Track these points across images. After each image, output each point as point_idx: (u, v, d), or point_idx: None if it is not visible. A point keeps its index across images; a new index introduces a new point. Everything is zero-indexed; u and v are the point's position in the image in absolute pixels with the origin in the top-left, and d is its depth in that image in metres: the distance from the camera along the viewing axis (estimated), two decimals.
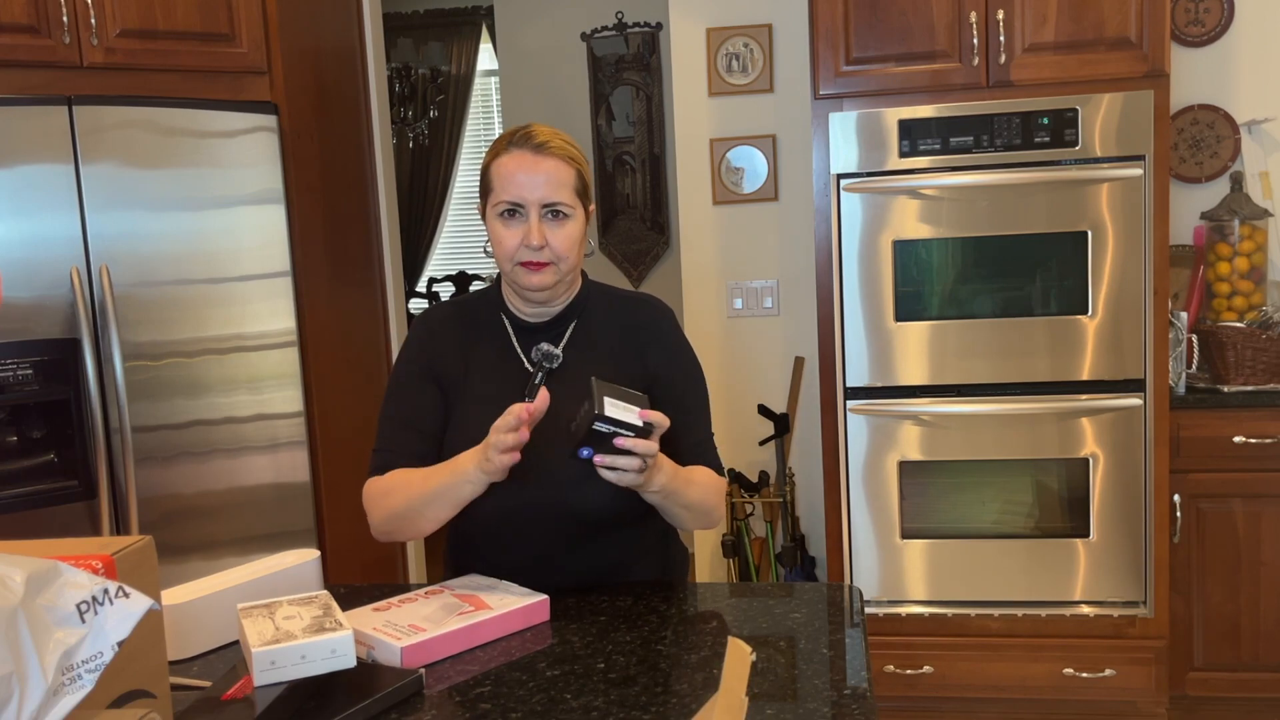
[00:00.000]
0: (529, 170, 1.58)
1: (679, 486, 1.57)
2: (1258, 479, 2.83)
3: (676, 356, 1.71)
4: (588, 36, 5.22)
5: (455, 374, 1.67)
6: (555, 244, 1.59)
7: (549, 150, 1.59)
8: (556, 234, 1.59)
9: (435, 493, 1.55)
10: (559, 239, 1.59)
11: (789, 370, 3.53)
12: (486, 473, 1.50)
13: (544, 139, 1.60)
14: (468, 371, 1.67)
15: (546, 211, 1.59)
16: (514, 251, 1.59)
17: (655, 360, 1.69)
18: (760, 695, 1.26)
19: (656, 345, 1.69)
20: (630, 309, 1.72)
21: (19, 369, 2.47)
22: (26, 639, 0.83)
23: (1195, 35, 3.23)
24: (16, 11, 2.48)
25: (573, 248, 1.60)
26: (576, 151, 1.64)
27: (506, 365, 1.67)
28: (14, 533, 2.46)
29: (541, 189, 1.57)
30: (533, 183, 1.57)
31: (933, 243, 2.83)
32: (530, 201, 1.58)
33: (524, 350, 1.68)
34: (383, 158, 3.56)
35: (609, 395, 1.42)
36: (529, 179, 1.57)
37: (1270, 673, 2.89)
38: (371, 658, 1.39)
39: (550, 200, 1.58)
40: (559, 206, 1.59)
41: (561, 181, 1.59)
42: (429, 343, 1.70)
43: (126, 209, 2.59)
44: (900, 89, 2.83)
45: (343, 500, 3.03)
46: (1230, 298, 3.13)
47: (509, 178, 1.59)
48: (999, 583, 2.91)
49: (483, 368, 1.68)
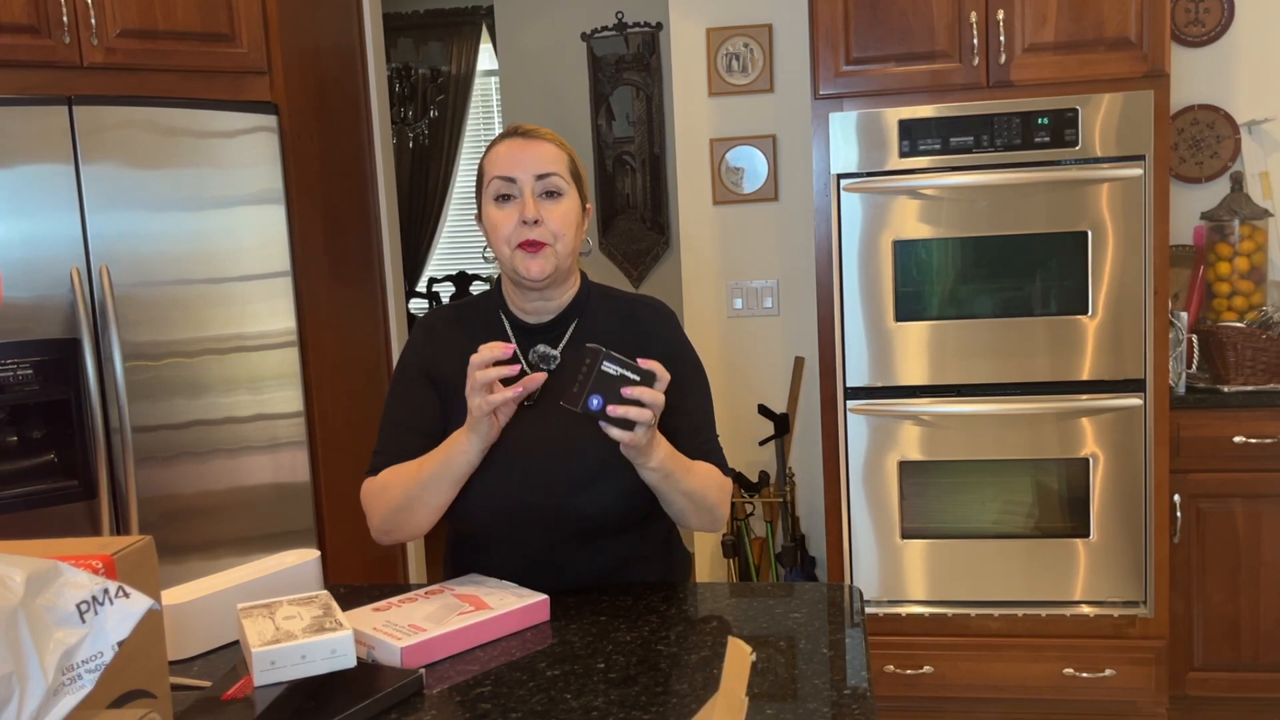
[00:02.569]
0: (521, 150, 1.60)
1: (677, 468, 1.57)
2: (1258, 479, 2.83)
3: (679, 359, 1.69)
4: (588, 36, 5.22)
5: (453, 375, 1.66)
6: (551, 221, 1.58)
7: (539, 135, 1.62)
8: (552, 211, 1.59)
9: (433, 474, 1.55)
10: (554, 216, 1.59)
11: (789, 370, 3.53)
12: (477, 432, 1.51)
13: (533, 128, 1.64)
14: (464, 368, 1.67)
15: (541, 188, 1.59)
16: (510, 233, 1.59)
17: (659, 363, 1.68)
18: (760, 695, 1.26)
19: (659, 348, 1.67)
20: (632, 311, 1.71)
21: (19, 369, 2.47)
22: (26, 639, 0.83)
23: (1195, 35, 3.23)
24: (16, 11, 2.48)
25: (569, 226, 1.60)
26: (569, 147, 1.66)
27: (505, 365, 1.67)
28: (14, 533, 2.46)
29: (534, 163, 1.59)
30: (525, 159, 1.59)
31: (933, 243, 2.83)
32: (523, 177, 1.58)
33: (523, 351, 1.67)
34: (383, 158, 3.56)
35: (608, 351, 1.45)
36: (522, 156, 1.59)
37: (1270, 673, 2.89)
38: (371, 658, 1.39)
39: (543, 170, 1.59)
40: (552, 179, 1.59)
41: (555, 159, 1.61)
42: (427, 345, 1.70)
43: (126, 209, 2.59)
44: (900, 89, 2.83)
45: (343, 500, 3.03)
46: (1230, 298, 3.13)
47: (501, 158, 1.61)
48: (999, 583, 2.91)
49: None
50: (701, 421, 1.70)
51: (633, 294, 1.76)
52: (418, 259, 6.37)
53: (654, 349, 1.67)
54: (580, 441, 1.59)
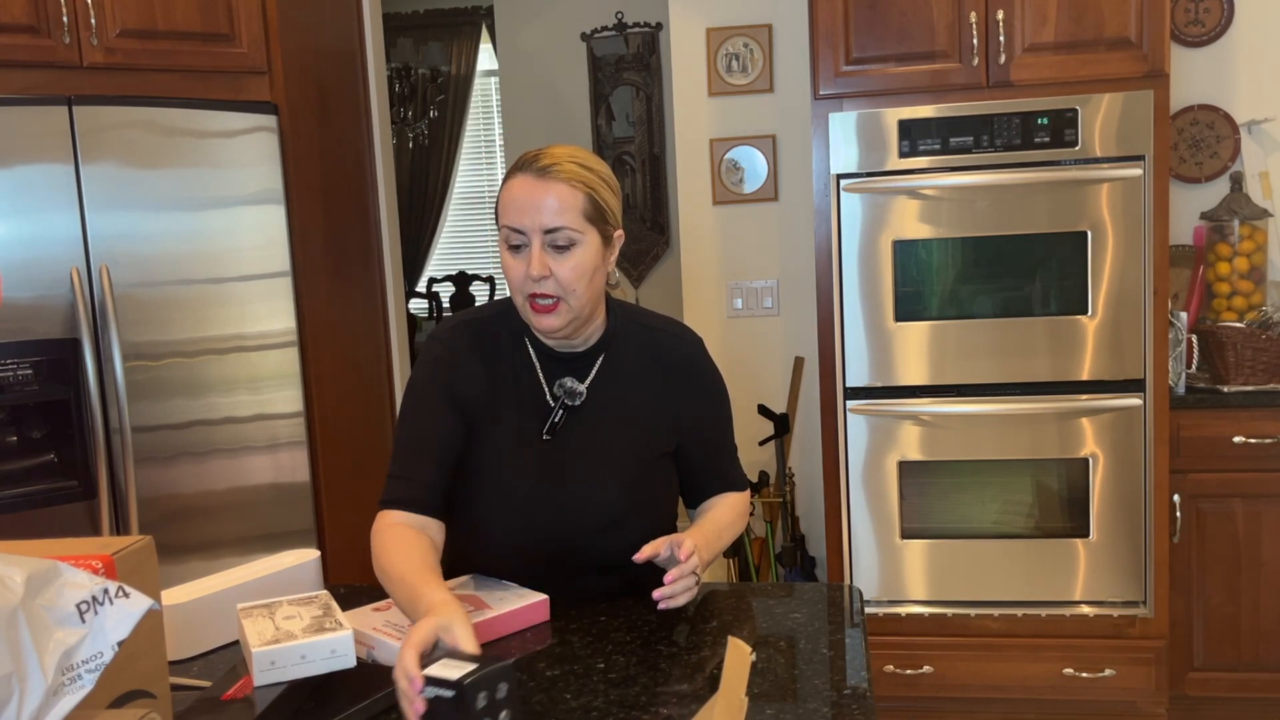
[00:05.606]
0: (530, 195, 1.48)
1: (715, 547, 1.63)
2: (1258, 479, 2.83)
3: (709, 394, 1.70)
4: (588, 37, 5.22)
5: (479, 401, 1.58)
6: (560, 275, 1.49)
7: (553, 174, 1.49)
8: (562, 265, 1.49)
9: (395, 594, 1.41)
10: (564, 270, 1.48)
11: (789, 370, 3.53)
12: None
13: (550, 161, 1.50)
14: (491, 399, 1.59)
15: (549, 240, 1.48)
16: (521, 283, 1.51)
17: (689, 400, 1.67)
18: (760, 695, 1.26)
19: (690, 384, 1.67)
20: (662, 345, 1.66)
21: (19, 369, 2.47)
22: (26, 639, 0.83)
23: (1195, 35, 3.23)
24: (16, 11, 2.48)
25: (580, 279, 1.49)
26: (590, 174, 1.52)
27: (530, 396, 1.60)
28: (14, 533, 2.46)
29: (542, 214, 1.47)
30: (533, 208, 1.48)
31: (933, 243, 2.83)
32: (531, 229, 1.48)
33: (548, 380, 1.60)
34: (383, 158, 3.56)
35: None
36: (530, 203, 1.48)
37: (1270, 673, 2.89)
38: (371, 658, 1.39)
39: (550, 226, 1.47)
40: (561, 233, 1.48)
41: (566, 206, 1.48)
42: (451, 364, 1.59)
43: (126, 209, 2.59)
44: (900, 89, 2.83)
45: (343, 500, 3.03)
46: (1230, 298, 3.13)
47: (511, 203, 1.50)
48: (999, 583, 2.91)
49: (506, 397, 1.60)
50: (723, 444, 1.74)
51: (661, 323, 1.69)
52: (418, 259, 6.37)
53: (685, 387, 1.67)
54: (604, 483, 1.58)
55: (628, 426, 1.61)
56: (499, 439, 1.58)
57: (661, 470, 1.65)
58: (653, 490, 1.63)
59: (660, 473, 1.65)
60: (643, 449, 1.61)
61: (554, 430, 1.57)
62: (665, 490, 1.66)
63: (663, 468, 1.65)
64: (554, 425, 1.58)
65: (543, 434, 1.58)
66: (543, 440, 1.57)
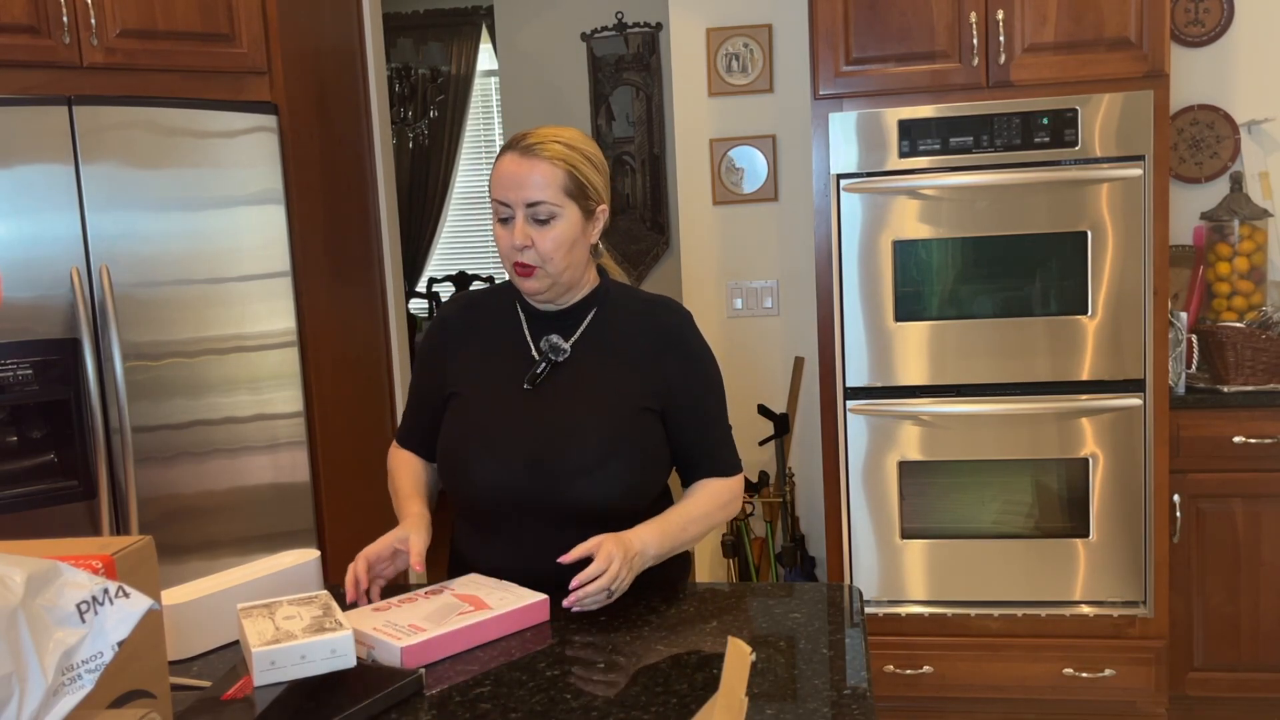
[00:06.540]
0: (515, 171, 1.62)
1: (673, 539, 1.65)
2: (1258, 479, 2.83)
3: (697, 363, 1.74)
4: (588, 36, 5.22)
5: (463, 355, 1.74)
6: (540, 246, 1.62)
7: (536, 151, 1.62)
8: (542, 236, 1.62)
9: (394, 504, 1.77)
10: (545, 241, 1.62)
11: (789, 370, 3.53)
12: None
13: (535, 140, 1.64)
14: (480, 355, 1.73)
15: (530, 213, 1.62)
16: (507, 252, 1.65)
17: (675, 367, 1.71)
18: (760, 695, 1.26)
19: (677, 351, 1.72)
20: (650, 312, 1.75)
21: (19, 369, 2.47)
22: (26, 639, 0.83)
23: (1195, 35, 3.23)
24: (16, 11, 2.48)
25: (559, 249, 1.63)
26: (571, 152, 1.64)
27: (515, 351, 1.72)
28: (14, 533, 2.46)
29: (524, 190, 1.61)
30: (517, 183, 1.62)
31: (933, 243, 2.83)
32: (515, 203, 1.62)
33: (534, 337, 1.72)
34: (383, 158, 3.56)
35: None
36: (514, 179, 1.62)
37: (1270, 673, 2.89)
38: (371, 658, 1.39)
39: (532, 200, 1.61)
40: (541, 207, 1.61)
41: (547, 182, 1.61)
42: (442, 327, 1.78)
43: (126, 209, 2.59)
44: (900, 89, 2.83)
45: (343, 500, 3.03)
46: (1230, 298, 3.13)
47: (499, 179, 1.64)
48: (999, 583, 2.91)
49: (490, 351, 1.73)
50: (712, 420, 1.75)
51: (651, 295, 1.80)
52: (418, 259, 6.37)
53: (671, 354, 1.72)
54: (583, 429, 1.63)
55: (609, 380, 1.68)
56: (485, 388, 1.70)
57: (643, 426, 1.67)
58: (631, 444, 1.65)
59: (642, 428, 1.67)
60: (621, 402, 1.67)
61: (535, 381, 1.67)
62: (648, 448, 1.68)
63: (644, 423, 1.68)
64: (535, 375, 1.67)
65: (523, 385, 1.67)
66: (524, 390, 1.67)
